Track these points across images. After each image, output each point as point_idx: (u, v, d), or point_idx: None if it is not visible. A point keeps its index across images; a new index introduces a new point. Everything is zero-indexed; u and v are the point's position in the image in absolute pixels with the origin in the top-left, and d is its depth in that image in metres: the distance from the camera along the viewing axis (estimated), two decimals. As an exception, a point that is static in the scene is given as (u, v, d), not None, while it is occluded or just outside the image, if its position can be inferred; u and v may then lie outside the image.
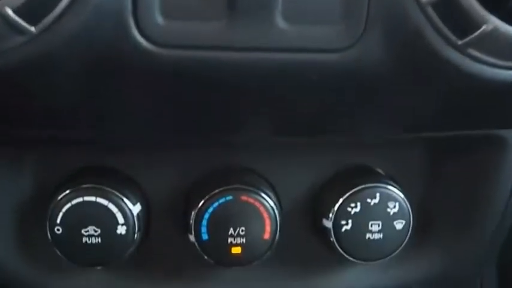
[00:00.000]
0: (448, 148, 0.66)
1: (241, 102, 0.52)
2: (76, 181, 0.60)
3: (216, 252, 0.61)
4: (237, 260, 0.62)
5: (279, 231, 0.61)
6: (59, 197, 0.59)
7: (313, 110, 0.54)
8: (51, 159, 0.63)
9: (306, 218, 0.66)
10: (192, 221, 0.60)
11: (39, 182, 0.63)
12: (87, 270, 0.65)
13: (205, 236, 0.61)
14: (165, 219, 0.65)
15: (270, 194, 0.62)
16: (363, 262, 0.64)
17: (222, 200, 0.60)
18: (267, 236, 0.61)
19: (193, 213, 0.60)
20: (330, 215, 0.62)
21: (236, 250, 0.61)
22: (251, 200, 0.60)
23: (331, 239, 0.63)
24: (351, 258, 0.63)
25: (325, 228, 0.63)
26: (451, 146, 0.66)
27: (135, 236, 0.61)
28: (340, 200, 0.62)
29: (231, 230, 0.61)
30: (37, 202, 0.63)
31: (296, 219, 0.66)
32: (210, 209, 0.60)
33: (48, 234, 0.60)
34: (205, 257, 0.61)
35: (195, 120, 0.55)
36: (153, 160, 0.64)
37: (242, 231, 0.61)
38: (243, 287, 0.67)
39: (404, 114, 0.55)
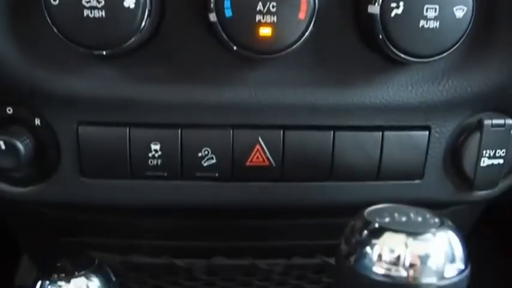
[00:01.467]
0: None
1: None
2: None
3: (242, 34, 0.51)
4: (265, 45, 0.52)
5: (317, 12, 0.52)
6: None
7: None
8: None
9: (348, 5, 0.56)
10: (213, -6, 0.51)
11: None
12: (88, 62, 0.56)
13: (228, 13, 0.51)
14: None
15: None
16: (413, 59, 0.54)
17: (250, -36, 0.50)
18: (302, 15, 0.51)
19: (215, -16, 0.51)
20: (378, -3, 0.52)
21: (265, 31, 0.51)
22: (284, -33, 0.50)
23: (378, 30, 0.53)
24: (400, 54, 0.54)
25: (371, 16, 0.53)
26: None
27: (146, 12, 0.51)
28: (391, -23, 0.52)
29: (260, 5, 0.51)
30: None
31: (336, 5, 0.56)
32: (236, -23, 0.50)
33: (43, 6, 0.50)
34: (228, 41, 0.52)
35: None
36: None
37: (273, 7, 0.51)
38: (268, 90, 0.57)
39: None
